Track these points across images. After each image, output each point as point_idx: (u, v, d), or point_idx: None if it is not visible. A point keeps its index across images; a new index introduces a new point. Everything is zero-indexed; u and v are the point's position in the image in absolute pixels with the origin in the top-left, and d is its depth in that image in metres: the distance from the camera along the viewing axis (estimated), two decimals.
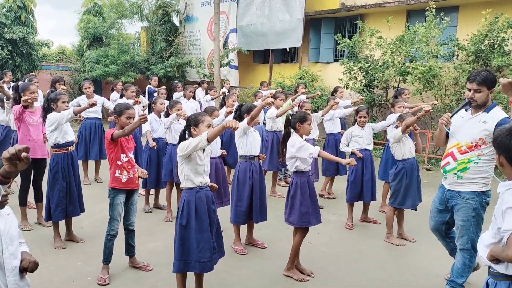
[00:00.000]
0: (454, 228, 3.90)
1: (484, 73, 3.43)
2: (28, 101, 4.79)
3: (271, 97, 5.42)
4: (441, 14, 9.64)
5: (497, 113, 3.46)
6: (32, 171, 5.30)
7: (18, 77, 14.60)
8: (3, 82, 8.06)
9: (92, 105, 4.85)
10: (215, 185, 3.72)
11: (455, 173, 3.56)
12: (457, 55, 9.94)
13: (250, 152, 4.81)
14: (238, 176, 4.82)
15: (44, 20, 53.32)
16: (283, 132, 4.36)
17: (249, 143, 4.78)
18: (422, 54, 9.81)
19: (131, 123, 3.98)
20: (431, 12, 9.58)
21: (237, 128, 3.15)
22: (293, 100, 7.32)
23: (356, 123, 5.80)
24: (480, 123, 3.45)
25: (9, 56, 16.13)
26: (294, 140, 4.11)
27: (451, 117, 3.56)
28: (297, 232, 4.21)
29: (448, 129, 3.62)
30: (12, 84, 6.07)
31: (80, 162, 6.19)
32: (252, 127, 4.83)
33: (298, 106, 6.79)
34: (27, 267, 2.13)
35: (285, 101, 7.11)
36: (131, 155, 4.13)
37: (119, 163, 4.03)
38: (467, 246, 3.56)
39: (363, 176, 5.68)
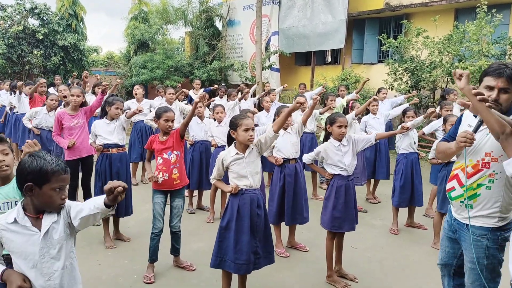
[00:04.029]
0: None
1: None
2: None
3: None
4: (492, 11, 9.23)
5: None
6: (80, 171, 5.56)
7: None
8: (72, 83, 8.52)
9: (139, 111, 5.02)
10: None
11: (462, 201, 2.67)
12: (510, 54, 9.47)
13: (283, 154, 4.79)
14: (272, 177, 4.91)
15: (97, 27, 55.78)
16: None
17: (281, 146, 4.77)
18: (472, 53, 9.41)
19: (169, 126, 4.15)
20: (482, 9, 9.18)
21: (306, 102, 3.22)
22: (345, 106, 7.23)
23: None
24: (486, 136, 2.54)
25: (61, 62, 16.97)
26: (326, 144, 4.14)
27: (474, 133, 2.52)
28: (328, 234, 4.17)
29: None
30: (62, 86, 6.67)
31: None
32: (285, 129, 4.76)
33: (349, 107, 6.70)
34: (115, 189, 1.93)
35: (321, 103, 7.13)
36: (167, 155, 4.19)
37: (157, 164, 4.21)
38: None
39: (413, 180, 5.52)
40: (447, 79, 10.23)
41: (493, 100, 2.46)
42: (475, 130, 2.53)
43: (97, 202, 2.01)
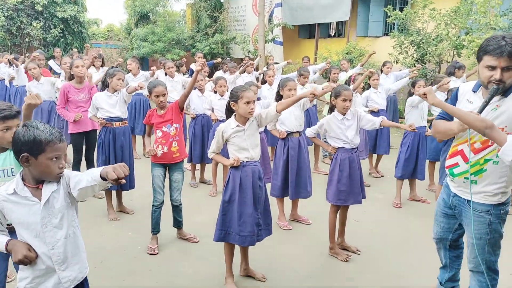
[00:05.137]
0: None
1: (511, 41, 2.34)
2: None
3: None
4: None
5: None
6: (84, 145, 5.54)
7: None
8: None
9: (141, 88, 4.83)
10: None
11: (466, 178, 2.62)
12: None
13: (286, 127, 4.75)
14: (276, 151, 4.89)
15: None
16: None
17: (284, 118, 4.72)
18: (479, 26, 9.20)
19: (161, 101, 4.11)
20: None
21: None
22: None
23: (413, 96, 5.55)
24: (492, 111, 2.50)
25: (61, 35, 16.73)
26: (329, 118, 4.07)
27: (479, 114, 2.43)
28: (331, 207, 4.16)
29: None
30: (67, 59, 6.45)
31: None
32: None
33: (351, 80, 6.63)
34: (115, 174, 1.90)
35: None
36: (166, 128, 4.15)
37: (156, 138, 4.19)
38: (480, 268, 2.68)
39: (418, 154, 5.49)
40: (453, 52, 10.06)
41: (497, 80, 2.38)
42: (481, 111, 2.43)
43: (94, 174, 1.99)
